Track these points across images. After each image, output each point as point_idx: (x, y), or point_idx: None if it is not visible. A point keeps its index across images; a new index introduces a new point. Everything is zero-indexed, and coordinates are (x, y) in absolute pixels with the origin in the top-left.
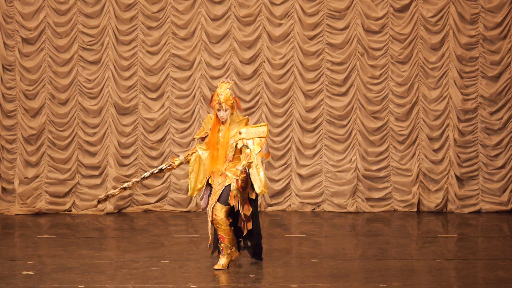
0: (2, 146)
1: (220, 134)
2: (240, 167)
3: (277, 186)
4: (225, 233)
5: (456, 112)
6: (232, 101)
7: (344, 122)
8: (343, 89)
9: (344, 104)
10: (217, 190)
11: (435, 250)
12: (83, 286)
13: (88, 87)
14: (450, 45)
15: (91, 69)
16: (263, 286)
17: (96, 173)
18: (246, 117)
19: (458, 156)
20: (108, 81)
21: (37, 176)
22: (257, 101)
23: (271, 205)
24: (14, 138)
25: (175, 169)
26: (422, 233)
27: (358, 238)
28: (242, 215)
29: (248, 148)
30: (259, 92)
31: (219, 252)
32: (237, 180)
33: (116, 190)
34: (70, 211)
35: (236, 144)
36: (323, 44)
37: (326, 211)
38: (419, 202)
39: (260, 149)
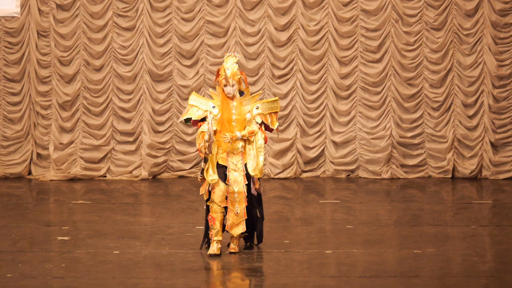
0: (37, 112)
1: (233, 111)
2: (239, 134)
3: (312, 154)
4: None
5: (490, 78)
6: (239, 76)
7: (379, 89)
8: (377, 56)
9: (378, 70)
10: (239, 169)
11: (469, 216)
12: (118, 252)
13: (122, 53)
14: (485, 11)
15: (125, 35)
16: (298, 252)
17: (131, 139)
18: (259, 91)
19: (493, 122)
20: (142, 47)
21: (72, 142)
22: (292, 68)
23: (305, 172)
24: (49, 104)
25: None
26: (456, 199)
27: (393, 204)
28: (258, 185)
29: (257, 124)
30: (293, 59)
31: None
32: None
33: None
34: (105, 176)
35: (255, 119)
36: (357, 11)
37: (360, 177)
38: (453, 169)
39: (278, 123)
